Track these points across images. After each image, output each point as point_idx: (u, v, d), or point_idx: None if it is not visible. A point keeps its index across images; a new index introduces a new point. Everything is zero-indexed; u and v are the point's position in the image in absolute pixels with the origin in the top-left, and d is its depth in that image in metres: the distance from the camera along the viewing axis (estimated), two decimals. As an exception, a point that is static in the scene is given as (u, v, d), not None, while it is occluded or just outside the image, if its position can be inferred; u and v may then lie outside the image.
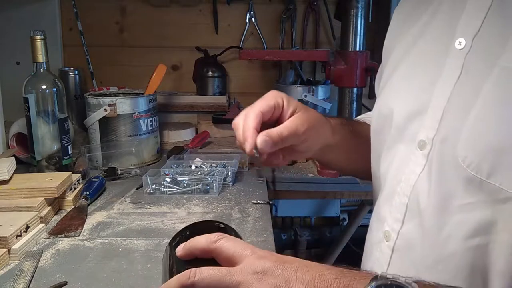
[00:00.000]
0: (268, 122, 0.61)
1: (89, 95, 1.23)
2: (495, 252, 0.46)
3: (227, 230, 0.51)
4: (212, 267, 0.42)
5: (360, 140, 0.73)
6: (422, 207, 0.52)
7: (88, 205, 0.94)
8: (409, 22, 0.64)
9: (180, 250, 0.45)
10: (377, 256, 0.60)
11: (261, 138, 0.57)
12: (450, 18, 0.54)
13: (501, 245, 0.46)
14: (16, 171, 0.93)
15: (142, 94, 1.29)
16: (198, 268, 0.41)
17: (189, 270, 0.41)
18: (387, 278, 0.39)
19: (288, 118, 0.62)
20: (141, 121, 1.22)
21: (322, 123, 0.66)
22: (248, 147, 0.58)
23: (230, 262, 0.43)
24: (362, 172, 0.74)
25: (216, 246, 0.44)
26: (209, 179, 1.03)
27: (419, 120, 0.54)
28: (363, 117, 0.83)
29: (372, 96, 1.42)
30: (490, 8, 0.50)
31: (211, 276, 0.41)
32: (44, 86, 1.03)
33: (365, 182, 0.68)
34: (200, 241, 0.44)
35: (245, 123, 0.59)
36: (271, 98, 0.62)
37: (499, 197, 0.45)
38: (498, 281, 0.47)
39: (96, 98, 1.20)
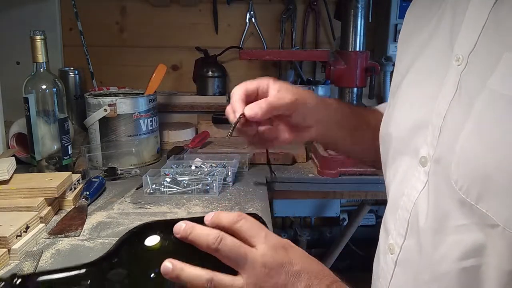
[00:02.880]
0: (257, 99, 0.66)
1: (89, 95, 1.23)
2: (486, 275, 0.46)
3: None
4: (234, 239, 0.47)
5: (360, 121, 0.75)
6: (421, 225, 0.53)
7: (88, 205, 0.94)
8: (417, 29, 0.62)
9: (208, 219, 0.49)
10: (383, 267, 0.60)
11: (248, 105, 0.63)
12: (451, 31, 0.53)
13: (491, 268, 0.46)
14: (16, 171, 0.93)
15: (142, 94, 1.29)
16: (223, 234, 0.46)
17: (217, 234, 0.46)
18: None
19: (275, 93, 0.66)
20: (141, 121, 1.22)
21: (313, 97, 0.69)
22: (236, 114, 0.64)
23: (246, 243, 0.48)
24: (368, 157, 0.76)
25: (236, 226, 0.48)
26: (209, 179, 1.03)
27: (422, 135, 0.54)
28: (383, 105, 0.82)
29: (372, 96, 1.42)
30: (485, 25, 0.48)
31: (233, 244, 0.46)
32: (44, 86, 1.03)
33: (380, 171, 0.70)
34: (225, 218, 0.49)
35: (232, 98, 0.66)
36: (255, 81, 0.67)
37: (487, 222, 0.44)
38: None
39: (96, 98, 1.20)
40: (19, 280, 0.46)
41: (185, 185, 1.03)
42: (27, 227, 0.76)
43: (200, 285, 0.45)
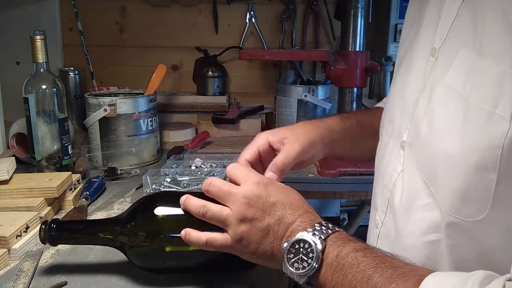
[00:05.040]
0: (265, 159, 0.69)
1: (89, 95, 1.23)
2: (444, 249, 0.52)
3: None
4: (222, 180, 0.58)
5: (365, 131, 0.78)
6: (396, 203, 0.59)
7: (88, 205, 0.94)
8: (412, 23, 0.66)
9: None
10: (370, 240, 0.68)
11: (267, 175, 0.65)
12: (435, 26, 0.56)
13: (447, 243, 0.51)
14: (16, 171, 0.93)
15: (142, 94, 1.29)
16: (213, 178, 0.58)
17: (209, 180, 0.57)
18: (316, 230, 0.50)
19: (281, 147, 0.68)
20: (141, 121, 1.22)
21: (317, 132, 0.71)
22: None
23: (235, 183, 0.57)
24: (368, 158, 0.80)
25: (227, 171, 0.59)
26: (209, 179, 1.03)
27: (405, 122, 0.59)
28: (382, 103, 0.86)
29: (372, 96, 1.42)
30: (454, 22, 0.51)
31: (219, 184, 0.57)
32: (44, 86, 1.03)
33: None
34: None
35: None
36: (253, 144, 0.69)
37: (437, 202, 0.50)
38: None
39: (96, 98, 1.20)
40: (55, 226, 0.63)
41: (185, 185, 1.03)
42: (27, 227, 0.76)
43: (197, 211, 0.56)
